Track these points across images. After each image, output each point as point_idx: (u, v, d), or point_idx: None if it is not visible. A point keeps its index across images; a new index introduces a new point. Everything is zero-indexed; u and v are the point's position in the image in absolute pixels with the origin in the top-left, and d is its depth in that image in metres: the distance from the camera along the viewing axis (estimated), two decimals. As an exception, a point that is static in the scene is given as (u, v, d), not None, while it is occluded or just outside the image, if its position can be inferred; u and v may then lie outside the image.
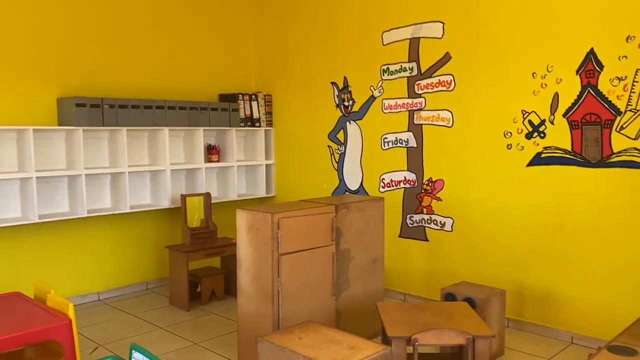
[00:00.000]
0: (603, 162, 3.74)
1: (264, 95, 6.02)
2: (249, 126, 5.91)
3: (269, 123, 6.08)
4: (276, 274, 3.32)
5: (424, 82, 4.69)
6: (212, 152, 5.66)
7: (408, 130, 4.84)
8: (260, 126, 6.00)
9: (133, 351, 2.37)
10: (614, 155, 3.69)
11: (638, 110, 3.55)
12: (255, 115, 5.96)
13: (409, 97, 4.80)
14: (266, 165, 6.11)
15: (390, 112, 4.96)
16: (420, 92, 4.72)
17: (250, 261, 3.44)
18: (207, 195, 5.16)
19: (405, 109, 4.84)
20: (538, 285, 4.11)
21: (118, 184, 4.99)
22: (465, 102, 4.43)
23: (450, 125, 4.55)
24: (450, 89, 4.52)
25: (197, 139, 5.46)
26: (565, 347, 3.89)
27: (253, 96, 5.93)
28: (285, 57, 5.87)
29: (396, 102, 4.90)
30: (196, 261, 4.97)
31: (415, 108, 4.77)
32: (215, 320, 4.51)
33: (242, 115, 5.82)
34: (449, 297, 3.72)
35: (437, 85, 4.61)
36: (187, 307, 4.72)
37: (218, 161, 5.71)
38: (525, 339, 4.01)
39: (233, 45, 6.04)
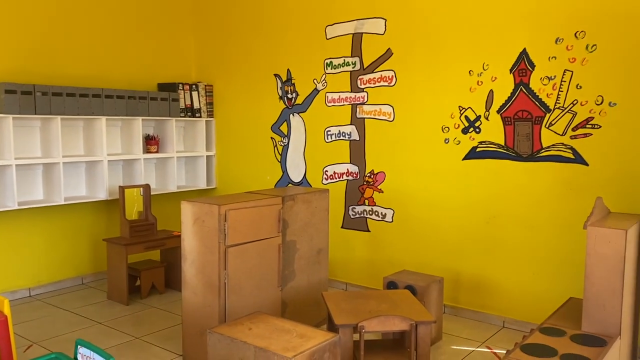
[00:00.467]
0: (533, 156, 3.98)
1: (205, 86, 5.93)
2: (189, 116, 5.81)
3: (210, 114, 6.01)
4: (223, 266, 3.31)
5: (366, 77, 4.79)
6: (151, 142, 5.52)
7: (351, 124, 4.93)
8: (201, 117, 5.91)
9: (79, 347, 2.30)
10: (543, 150, 3.93)
11: (565, 108, 3.81)
12: (196, 105, 5.87)
13: (351, 91, 4.89)
14: (207, 156, 6.03)
15: (333, 105, 5.03)
16: (362, 86, 4.82)
17: (195, 254, 3.41)
18: (147, 187, 5.04)
19: (348, 103, 4.93)
20: (472, 273, 4.32)
21: (51, 175, 4.78)
22: (405, 97, 4.57)
23: (391, 119, 4.68)
24: (391, 84, 4.64)
25: (135, 129, 5.31)
26: (498, 330, 4.12)
27: (194, 86, 5.83)
28: (227, 48, 5.80)
29: (339, 96, 4.98)
30: (135, 254, 4.86)
31: (358, 102, 4.86)
32: (157, 314, 4.43)
33: (182, 105, 5.71)
34: (391, 285, 3.85)
35: (379, 80, 4.72)
36: (126, 301, 4.61)
37: (157, 152, 5.58)
38: (462, 324, 4.21)
39: (172, 34, 5.90)
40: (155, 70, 5.76)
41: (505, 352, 3.69)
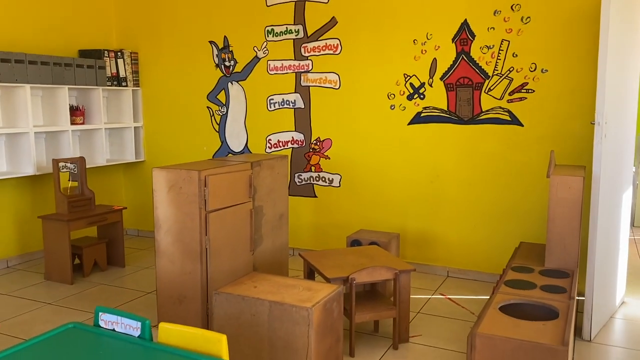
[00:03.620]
0: (474, 119, 4.36)
1: (130, 53, 5.63)
2: (115, 85, 5.50)
3: (136, 83, 5.72)
4: (204, 232, 3.28)
5: (310, 45, 4.87)
6: (76, 113, 5.16)
7: (295, 92, 5.00)
8: (127, 86, 5.61)
9: (100, 313, 2.22)
10: (483, 114, 4.33)
11: (503, 75, 4.21)
12: (122, 74, 5.56)
13: (295, 59, 4.95)
14: (134, 127, 5.76)
15: (276, 73, 5.05)
16: (307, 54, 4.89)
17: (171, 222, 3.33)
18: (82, 160, 4.72)
19: (292, 71, 4.98)
20: (418, 229, 4.66)
21: (-28, 149, 4.32)
22: (351, 66, 4.74)
23: (337, 87, 4.82)
24: (337, 52, 4.78)
25: (60, 99, 4.93)
26: (444, 280, 4.51)
27: (119, 53, 5.51)
28: (154, 13, 5.54)
29: (282, 64, 5.01)
30: (74, 231, 4.57)
31: (302, 70, 4.94)
32: (108, 290, 4.24)
33: (108, 73, 5.38)
34: (355, 243, 4.05)
35: (323, 48, 4.83)
36: (70, 280, 4.35)
37: (83, 123, 5.23)
38: (411, 276, 4.54)
39: (93, -4, 5.51)
40: (74, 35, 5.35)
41: (456, 297, 4.08)
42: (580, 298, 3.55)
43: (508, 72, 4.20)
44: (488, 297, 4.06)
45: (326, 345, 2.67)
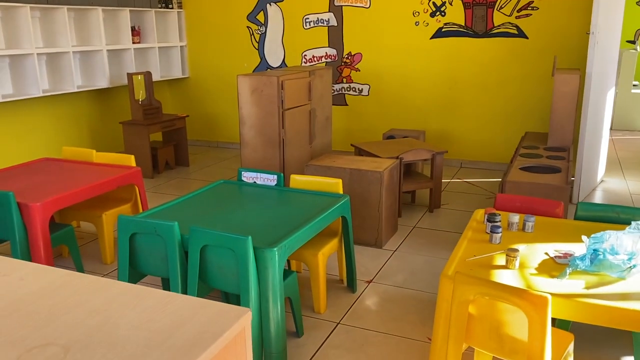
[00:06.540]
0: (487, 33, 5.17)
1: (174, -23, 6.21)
2: (163, 8, 6.13)
3: (180, 5, 6.35)
4: (281, 125, 4.15)
5: (343, -31, 5.54)
6: (134, 33, 5.83)
7: (329, 11, 5.72)
8: (172, 8, 6.25)
9: (242, 172, 3.12)
10: (494, 28, 5.14)
11: (513, -5, 5.00)
12: (168, -3, 6.17)
13: (329, -18, 5.63)
14: (180, 47, 6.45)
15: (311, -5, 5.74)
16: (340, -23, 5.57)
17: (254, 118, 4.18)
18: (148, 74, 5.47)
19: (326, -8, 5.67)
20: (436, 129, 5.58)
21: (59, 65, 5.03)
22: (380, -13, 5.45)
23: (367, 6, 5.55)
24: (367, -25, 5.47)
25: (123, 20, 5.59)
26: (458, 170, 5.50)
27: (165, -23, 6.10)
28: (196, -61, 6.08)
29: (317, -14, 5.69)
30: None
31: (336, -8, 5.63)
32: (189, 182, 5.14)
33: (158, -4, 6.00)
34: (390, 137, 4.97)
35: (355, -29, 5.50)
36: (151, 174, 5.23)
37: (139, 42, 5.92)
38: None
39: None
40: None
41: (472, 180, 5.07)
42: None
43: (517, -8, 4.97)
44: (498, 179, 5.06)
45: (389, 201, 3.63)
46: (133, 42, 5.80)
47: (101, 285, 1.39)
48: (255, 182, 3.09)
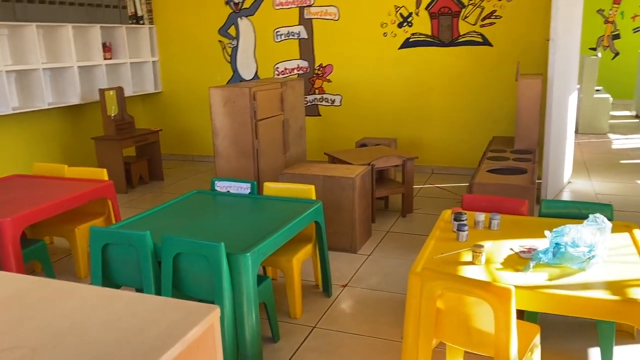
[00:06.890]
0: (453, 42, 5.31)
1: (144, -7, 6.24)
2: (134, 24, 6.15)
3: (151, 21, 6.37)
4: (254, 136, 4.19)
5: (312, -18, 5.64)
6: (105, 49, 5.84)
7: (299, 24, 5.81)
8: (144, 24, 6.27)
9: (216, 182, 3.14)
10: (460, 37, 5.28)
11: (476, 4, 5.14)
12: (139, 12, 6.20)
13: (299, -5, 5.73)
14: (152, 62, 6.46)
15: (281, 8, 5.82)
16: (309, -10, 5.67)
17: (227, 129, 4.22)
18: (120, 89, 5.47)
19: (295, 6, 5.76)
20: (407, 136, 5.68)
21: (29, 83, 5.00)
22: (348, -1, 5.57)
23: (337, 19, 5.66)
24: (335, -12, 5.58)
25: (94, 36, 5.59)
26: (430, 175, 5.60)
27: (135, -7, 6.12)
28: (166, -45, 6.14)
29: (287, 0, 5.78)
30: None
31: (305, 4, 5.73)
32: (163, 195, 5.13)
33: (128, 12, 6.02)
34: (362, 145, 5.04)
35: (324, -16, 5.61)
36: (125, 189, 5.21)
37: (111, 59, 5.92)
38: (405, 175, 5.62)
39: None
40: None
41: (441, 185, 5.17)
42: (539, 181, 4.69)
43: (480, 1, 5.13)
44: (467, 184, 5.16)
45: (363, 206, 3.69)
46: (105, 58, 5.80)
47: (71, 289, 1.40)
48: (229, 191, 3.12)
